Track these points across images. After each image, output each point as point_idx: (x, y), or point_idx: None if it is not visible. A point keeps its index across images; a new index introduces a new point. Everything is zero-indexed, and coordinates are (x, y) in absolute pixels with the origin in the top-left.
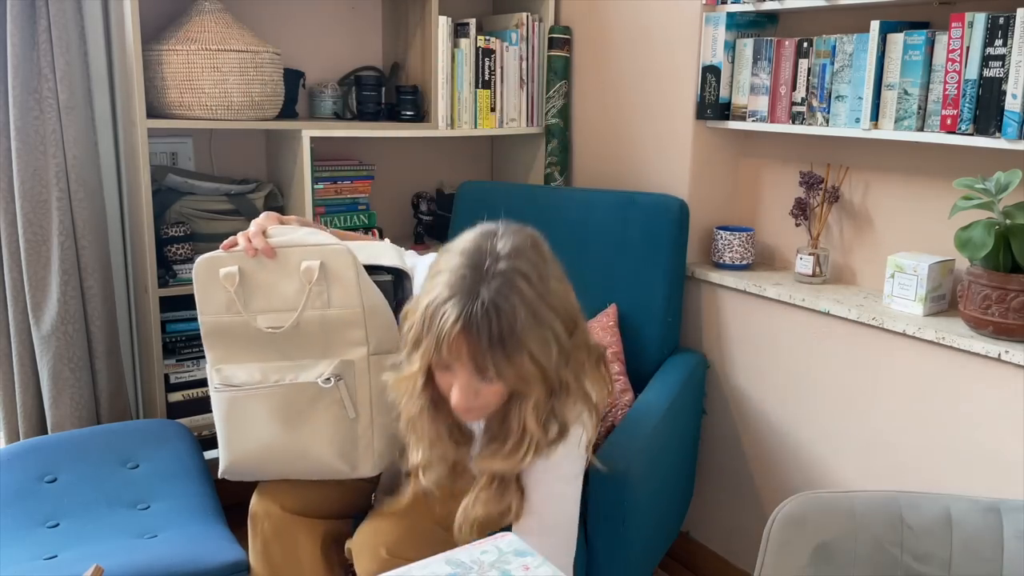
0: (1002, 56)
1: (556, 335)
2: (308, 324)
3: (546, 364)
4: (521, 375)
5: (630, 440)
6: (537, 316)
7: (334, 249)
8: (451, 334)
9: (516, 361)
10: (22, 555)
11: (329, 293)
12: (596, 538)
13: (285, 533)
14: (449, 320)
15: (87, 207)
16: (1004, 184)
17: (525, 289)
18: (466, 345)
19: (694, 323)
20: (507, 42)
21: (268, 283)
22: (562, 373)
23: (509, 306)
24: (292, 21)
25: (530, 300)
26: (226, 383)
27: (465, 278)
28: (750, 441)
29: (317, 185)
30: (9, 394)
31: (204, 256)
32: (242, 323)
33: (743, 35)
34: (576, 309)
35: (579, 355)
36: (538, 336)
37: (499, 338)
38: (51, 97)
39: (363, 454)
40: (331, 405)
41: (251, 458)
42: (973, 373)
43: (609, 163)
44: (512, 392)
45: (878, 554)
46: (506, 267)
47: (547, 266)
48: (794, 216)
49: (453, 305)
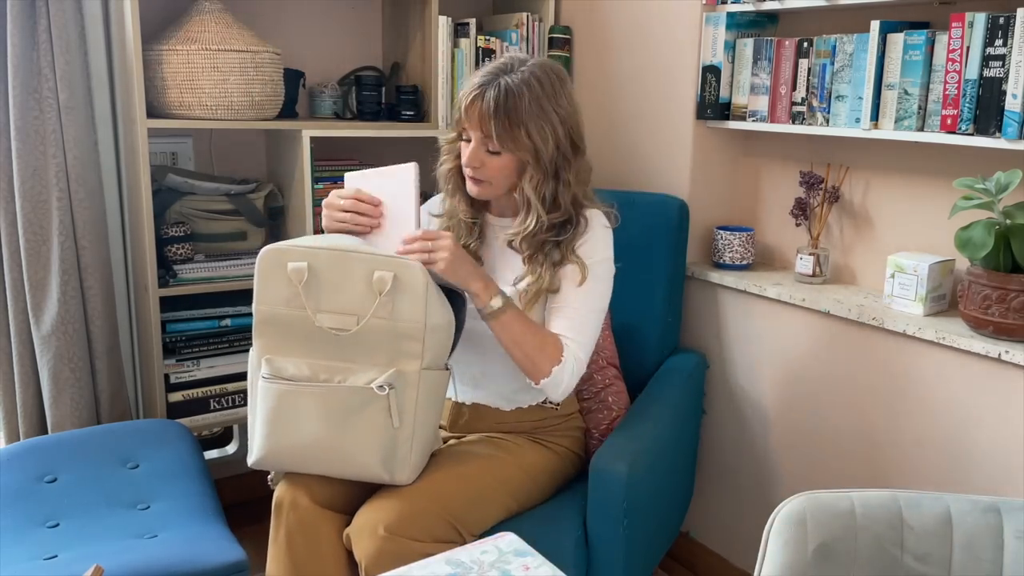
0: (1002, 56)
1: (556, 134)
2: (369, 331)
3: (541, 146)
4: (519, 145)
5: (630, 440)
6: (541, 107)
7: (408, 264)
8: (467, 99)
9: (515, 133)
10: (22, 555)
11: (396, 304)
12: (596, 538)
13: (310, 526)
14: (468, 91)
15: (87, 207)
16: (1004, 184)
17: (536, 84)
18: (476, 110)
19: (694, 323)
20: (507, 42)
21: (335, 283)
22: (563, 173)
23: (518, 90)
24: (292, 21)
25: (537, 93)
26: (277, 375)
27: (492, 69)
28: (750, 441)
29: (317, 185)
30: (9, 394)
31: (271, 247)
32: (301, 318)
33: (743, 35)
34: (581, 133)
35: (580, 173)
36: (538, 121)
37: (503, 110)
38: (51, 97)
39: (401, 463)
40: (379, 412)
41: (291, 452)
42: (973, 373)
43: (609, 163)
44: (515, 166)
45: (878, 554)
46: (527, 70)
47: (563, 86)
48: (794, 216)
49: (476, 82)
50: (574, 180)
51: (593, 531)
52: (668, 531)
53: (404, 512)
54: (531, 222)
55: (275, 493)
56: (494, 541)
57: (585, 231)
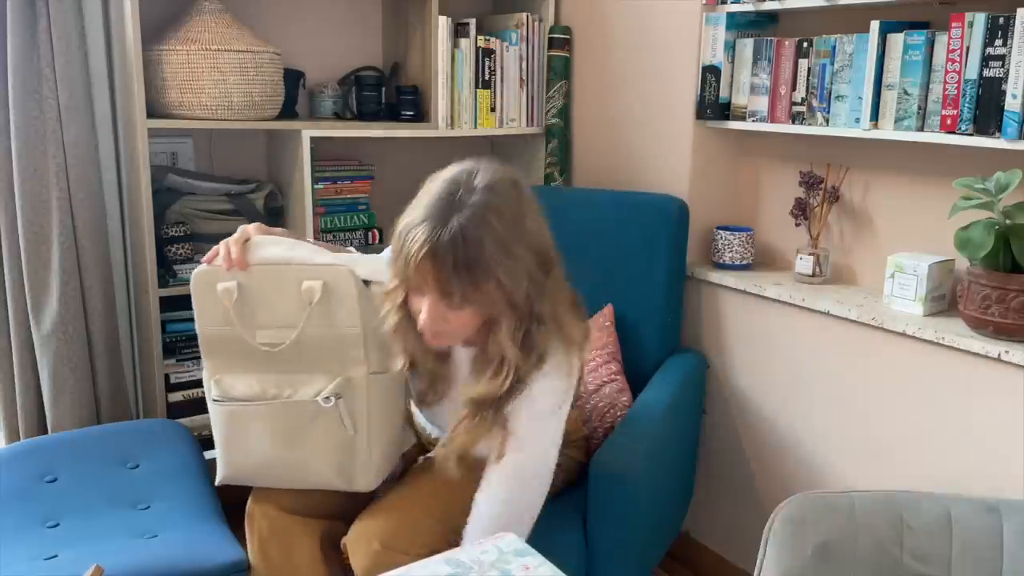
0: (1002, 56)
1: (527, 268)
2: (309, 341)
3: (515, 292)
4: (490, 300)
5: (630, 440)
6: (507, 248)
7: (336, 270)
8: (418, 256)
9: (483, 287)
10: (22, 555)
11: (331, 313)
12: (596, 538)
13: (282, 533)
14: (417, 243)
15: (87, 207)
16: (1004, 184)
17: (495, 222)
18: (432, 269)
19: (694, 323)
20: (507, 42)
21: (267, 299)
22: (537, 305)
23: (477, 235)
24: (292, 21)
25: (500, 232)
26: (225, 395)
27: (439, 204)
28: (750, 441)
29: (317, 185)
30: (9, 394)
31: (202, 268)
32: (240, 336)
33: (743, 35)
34: (551, 249)
35: (555, 293)
36: (507, 266)
37: (465, 264)
38: (51, 97)
39: (361, 470)
40: (330, 423)
41: (249, 471)
42: (973, 373)
43: (609, 163)
44: (486, 320)
45: (878, 554)
46: (480, 199)
47: (523, 205)
48: (794, 216)
49: (423, 229)
50: (550, 312)
51: (593, 531)
52: (668, 531)
53: (400, 524)
54: (505, 381)
55: (247, 504)
56: (494, 541)
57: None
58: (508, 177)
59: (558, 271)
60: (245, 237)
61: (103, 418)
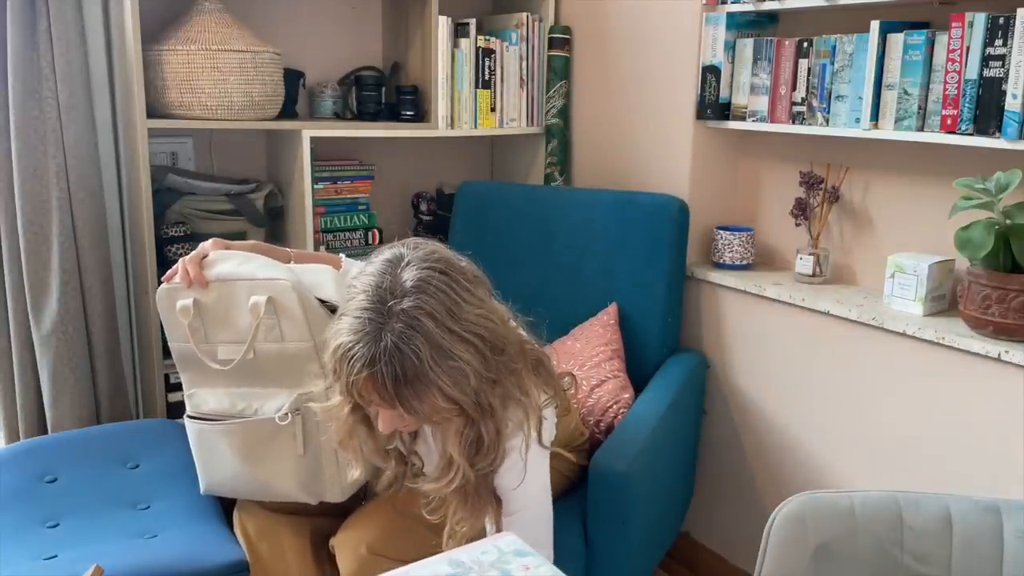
0: (1002, 56)
1: (471, 364)
2: (265, 356)
3: (461, 396)
4: (435, 409)
5: (630, 440)
6: (446, 352)
7: (281, 285)
8: (359, 381)
9: (427, 399)
10: (22, 555)
11: (281, 328)
12: (596, 538)
13: (270, 532)
14: (355, 367)
15: (87, 207)
16: (1004, 184)
17: (431, 328)
18: (374, 389)
19: (694, 323)
20: (507, 42)
21: (225, 315)
22: (484, 397)
23: (412, 348)
24: (292, 21)
25: (436, 338)
26: (195, 411)
27: (369, 321)
28: (750, 441)
29: (317, 185)
30: (9, 394)
31: (164, 287)
32: (203, 352)
33: (743, 35)
34: (500, 327)
35: (510, 373)
36: (448, 371)
37: (404, 380)
38: (51, 97)
39: (328, 483)
40: (290, 440)
41: (225, 484)
42: (973, 373)
43: (609, 163)
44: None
45: (878, 554)
46: (410, 305)
47: (458, 293)
48: (794, 216)
49: (357, 351)
50: (502, 396)
51: (593, 531)
52: (668, 531)
53: (388, 530)
54: (453, 481)
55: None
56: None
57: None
58: (438, 265)
59: (513, 340)
60: (203, 254)
61: (103, 418)
